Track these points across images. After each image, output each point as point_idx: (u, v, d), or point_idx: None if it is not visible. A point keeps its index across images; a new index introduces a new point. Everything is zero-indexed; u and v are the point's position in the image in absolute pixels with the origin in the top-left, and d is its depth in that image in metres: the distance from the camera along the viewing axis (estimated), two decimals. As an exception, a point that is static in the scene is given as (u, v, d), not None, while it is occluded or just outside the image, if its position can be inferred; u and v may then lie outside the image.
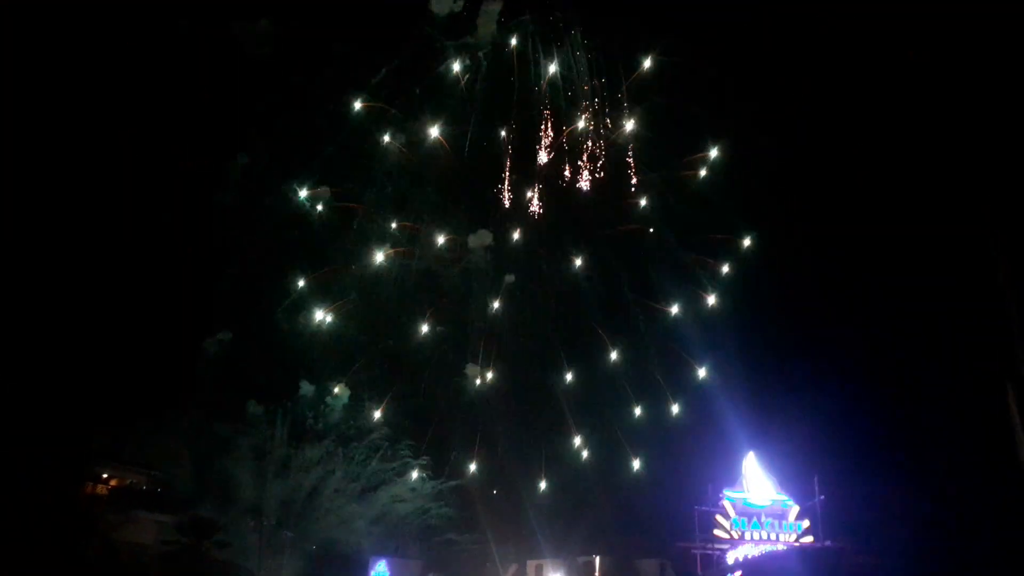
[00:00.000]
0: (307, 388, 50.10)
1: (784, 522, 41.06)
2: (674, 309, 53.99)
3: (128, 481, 45.57)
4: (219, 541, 41.78)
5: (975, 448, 38.87)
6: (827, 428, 42.75)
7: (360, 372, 51.10)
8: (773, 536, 40.55)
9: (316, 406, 49.44)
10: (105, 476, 44.73)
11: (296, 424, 47.96)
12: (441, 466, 51.42)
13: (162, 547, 41.85)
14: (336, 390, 50.40)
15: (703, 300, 53.81)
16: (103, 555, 40.50)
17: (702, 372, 52.43)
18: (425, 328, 52.95)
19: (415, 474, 50.69)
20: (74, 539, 39.74)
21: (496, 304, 53.39)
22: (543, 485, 51.17)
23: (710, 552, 41.15)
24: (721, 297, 53.42)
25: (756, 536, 40.49)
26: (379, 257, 52.86)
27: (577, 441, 52.63)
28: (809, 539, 40.49)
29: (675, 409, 52.57)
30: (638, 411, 53.31)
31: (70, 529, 39.78)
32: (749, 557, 39.91)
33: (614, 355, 53.73)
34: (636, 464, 52.16)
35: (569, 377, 53.34)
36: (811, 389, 44.18)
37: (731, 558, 40.62)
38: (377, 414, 50.85)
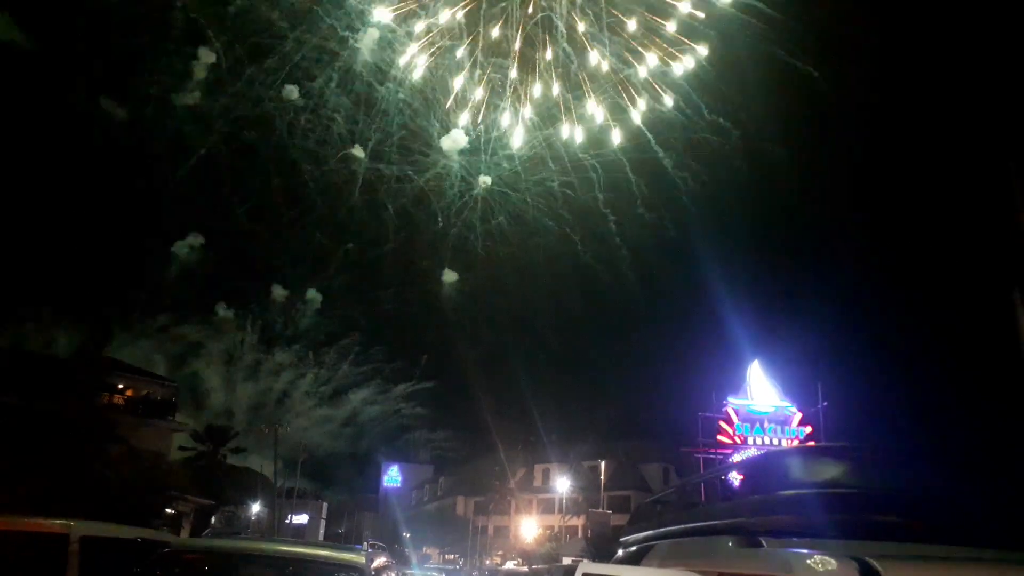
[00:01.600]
0: (280, 293, 49.58)
1: (787, 428, 41.65)
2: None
3: (144, 391, 46.45)
4: (234, 447, 42.96)
5: (981, 357, 38.93)
6: (832, 335, 42.87)
7: (332, 277, 50.62)
8: (775, 441, 41.16)
9: (288, 311, 49.19)
10: (120, 386, 45.55)
11: (267, 328, 48.00)
12: (414, 368, 51.67)
13: (181, 453, 43.15)
14: (308, 295, 49.92)
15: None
16: (127, 460, 41.79)
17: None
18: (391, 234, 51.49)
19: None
20: (98, 445, 40.87)
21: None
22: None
23: (713, 456, 41.98)
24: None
25: (759, 441, 41.13)
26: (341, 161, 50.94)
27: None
28: (811, 444, 41.16)
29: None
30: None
31: (93, 436, 40.86)
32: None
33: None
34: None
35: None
36: (816, 296, 44.02)
37: (734, 460, 41.40)
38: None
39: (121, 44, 44.56)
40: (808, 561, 3.54)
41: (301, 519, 48.59)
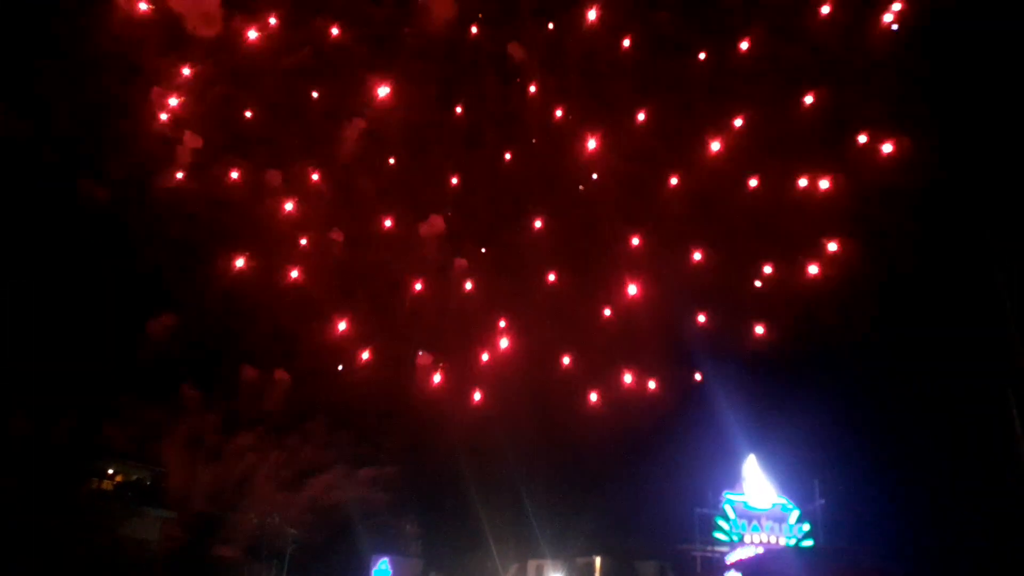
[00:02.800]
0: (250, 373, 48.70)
1: (785, 525, 41.05)
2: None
3: (133, 477, 45.83)
4: (223, 537, 42.11)
5: (977, 452, 38.93)
6: (829, 432, 42.84)
7: (301, 359, 50.01)
8: (773, 539, 40.54)
9: (256, 391, 48.35)
10: (110, 472, 45.01)
11: (232, 409, 47.18)
12: (380, 454, 50.68)
13: (166, 543, 42.21)
14: (276, 376, 49.05)
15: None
16: (109, 551, 40.84)
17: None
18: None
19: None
20: (81, 535, 40.07)
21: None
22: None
23: (710, 555, 41.23)
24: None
25: (757, 539, 40.49)
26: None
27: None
28: (809, 543, 40.56)
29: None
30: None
31: (77, 525, 40.11)
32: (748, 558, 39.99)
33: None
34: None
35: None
36: (812, 392, 44.29)
37: (731, 560, 40.70)
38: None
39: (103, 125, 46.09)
40: None
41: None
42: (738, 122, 51.14)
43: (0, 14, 43.04)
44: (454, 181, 54.65)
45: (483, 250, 54.40)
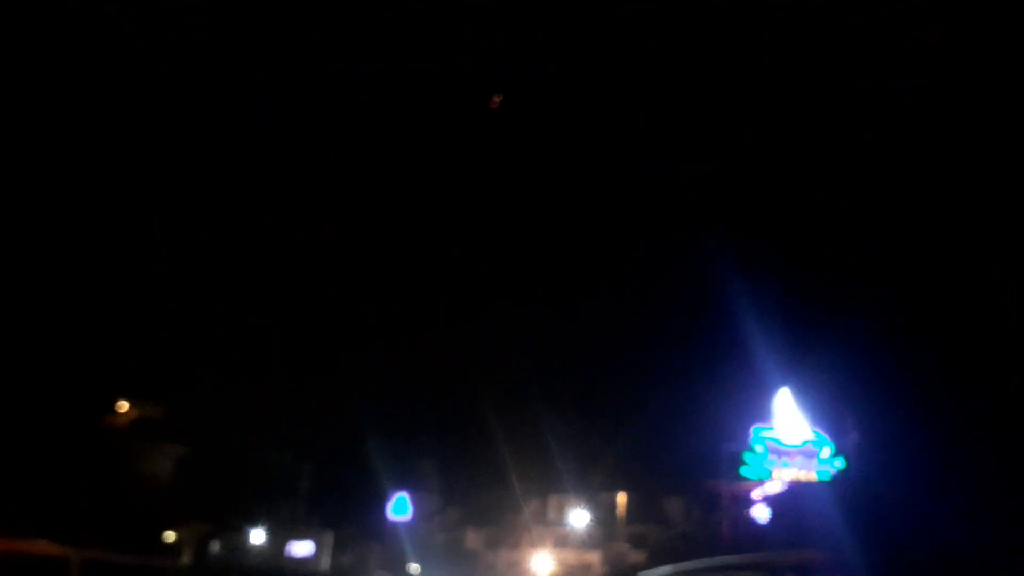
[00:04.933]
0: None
1: (816, 461, 39.53)
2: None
3: (148, 413, 45.65)
4: (239, 473, 41.96)
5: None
6: (865, 364, 40.52)
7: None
8: (804, 476, 39.06)
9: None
10: (125, 408, 44.85)
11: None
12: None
13: (183, 478, 42.14)
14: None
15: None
16: (129, 483, 40.97)
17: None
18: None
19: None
20: (101, 468, 40.14)
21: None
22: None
23: (737, 491, 40.04)
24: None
25: (787, 475, 39.06)
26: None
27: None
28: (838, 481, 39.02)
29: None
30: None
31: (97, 459, 40.17)
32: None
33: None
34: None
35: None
36: (851, 319, 41.75)
37: (757, 496, 39.44)
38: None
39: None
40: None
41: (306, 547, 47.10)
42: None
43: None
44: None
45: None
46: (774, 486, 38.99)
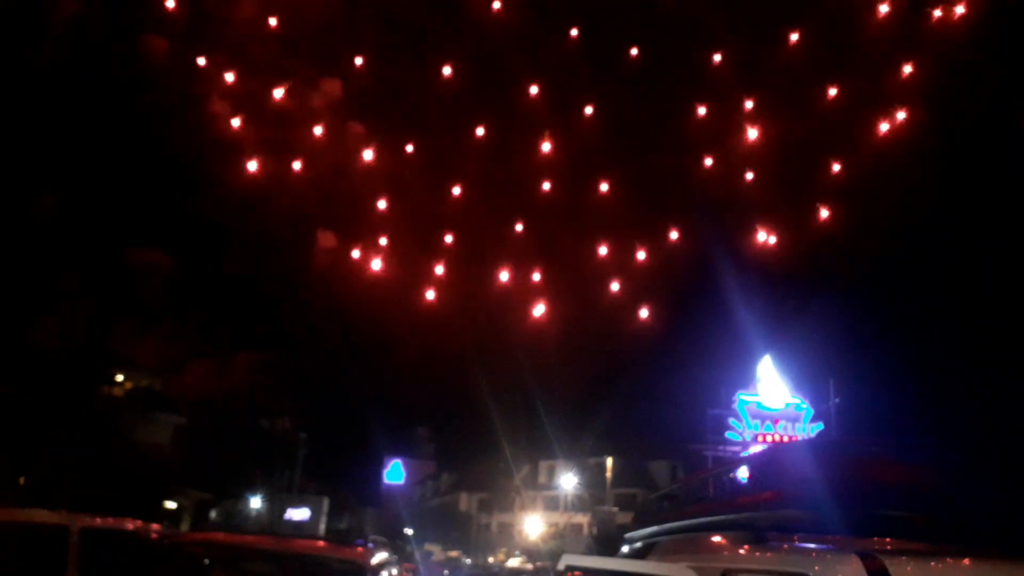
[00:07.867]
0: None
1: (798, 425, 40.83)
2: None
3: (143, 383, 45.98)
4: (235, 442, 42.45)
5: (997, 353, 37.82)
6: (846, 329, 41.68)
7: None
8: (787, 439, 40.34)
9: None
10: (120, 379, 45.11)
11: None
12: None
13: (179, 447, 42.66)
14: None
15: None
16: (124, 453, 41.40)
17: None
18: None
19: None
20: (96, 438, 40.50)
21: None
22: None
23: (722, 454, 41.17)
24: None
25: (770, 439, 40.34)
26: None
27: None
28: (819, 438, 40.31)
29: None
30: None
31: (91, 428, 40.48)
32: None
33: None
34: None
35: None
36: (830, 288, 42.75)
37: (742, 458, 40.58)
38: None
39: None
40: (813, 557, 3.47)
41: (302, 514, 47.99)
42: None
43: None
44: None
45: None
46: (757, 448, 40.20)
